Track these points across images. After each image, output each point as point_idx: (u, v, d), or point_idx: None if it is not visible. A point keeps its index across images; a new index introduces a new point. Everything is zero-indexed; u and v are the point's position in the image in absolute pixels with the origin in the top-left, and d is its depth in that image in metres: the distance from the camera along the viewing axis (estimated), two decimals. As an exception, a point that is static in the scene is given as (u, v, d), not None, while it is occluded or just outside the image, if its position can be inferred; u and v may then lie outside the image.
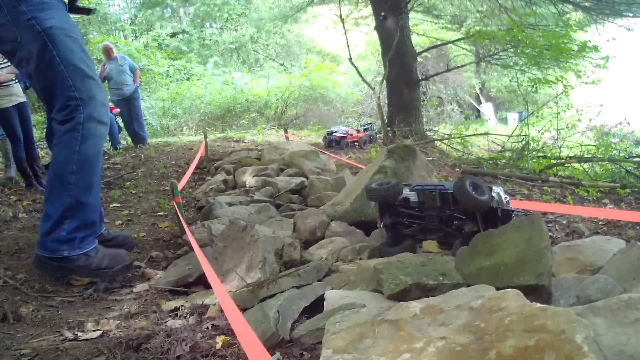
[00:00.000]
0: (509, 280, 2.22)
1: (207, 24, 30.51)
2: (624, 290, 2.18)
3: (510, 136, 11.06)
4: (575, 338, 1.35)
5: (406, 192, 3.58)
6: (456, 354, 1.45)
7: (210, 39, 28.20)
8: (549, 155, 9.96)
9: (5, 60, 6.60)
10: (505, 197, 3.28)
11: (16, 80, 6.79)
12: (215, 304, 2.60)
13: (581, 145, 10.54)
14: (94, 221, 3.43)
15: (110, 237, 3.94)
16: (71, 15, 3.51)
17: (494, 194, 3.16)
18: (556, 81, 11.10)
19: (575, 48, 10.80)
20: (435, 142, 11.66)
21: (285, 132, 12.18)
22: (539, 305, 1.55)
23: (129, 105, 11.48)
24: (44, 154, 9.37)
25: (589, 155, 9.65)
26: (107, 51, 11.41)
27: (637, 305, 1.58)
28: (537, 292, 2.15)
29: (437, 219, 3.42)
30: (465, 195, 3.06)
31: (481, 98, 28.92)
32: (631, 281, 2.25)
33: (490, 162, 9.81)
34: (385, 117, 11.91)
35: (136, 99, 11.64)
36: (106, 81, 11.31)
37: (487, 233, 2.66)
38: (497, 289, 1.92)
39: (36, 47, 3.16)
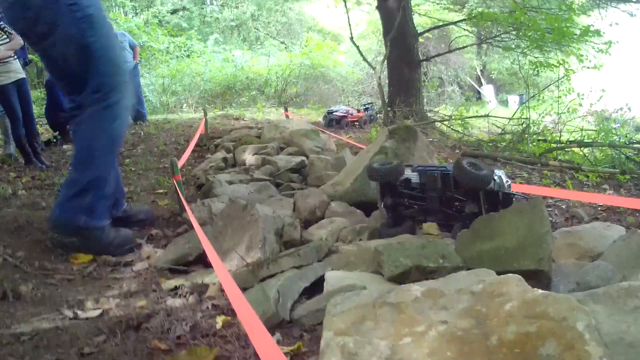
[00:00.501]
0: (509, 264, 2.23)
1: (208, 1, 30.25)
2: (624, 277, 2.18)
3: (510, 119, 11.04)
4: (577, 326, 1.35)
5: (407, 173, 3.58)
6: (457, 338, 1.45)
7: (211, 16, 27.99)
8: (549, 139, 9.95)
9: (4, 36, 6.54)
10: (507, 181, 3.27)
11: (15, 57, 6.73)
12: (215, 283, 2.60)
13: (582, 129, 10.52)
14: (111, 194, 3.58)
15: (132, 212, 4.09)
16: None
17: (495, 177, 3.15)
18: (558, 65, 11.07)
19: (578, 32, 10.75)
20: (436, 123, 11.63)
21: (286, 110, 12.15)
22: (540, 291, 1.55)
23: (128, 82, 11.40)
24: (43, 131, 9.34)
25: (590, 140, 9.64)
26: (107, 27, 11.31)
27: (636, 294, 1.59)
28: (537, 277, 2.16)
29: (438, 201, 3.42)
30: (465, 172, 3.05)
31: (482, 80, 28.83)
32: (631, 268, 2.25)
33: (491, 144, 9.81)
34: (385, 97, 11.88)
35: (136, 75, 11.56)
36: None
37: (489, 217, 2.66)
38: (498, 273, 1.93)
39: (75, 32, 3.19)
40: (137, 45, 12.04)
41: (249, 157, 6.59)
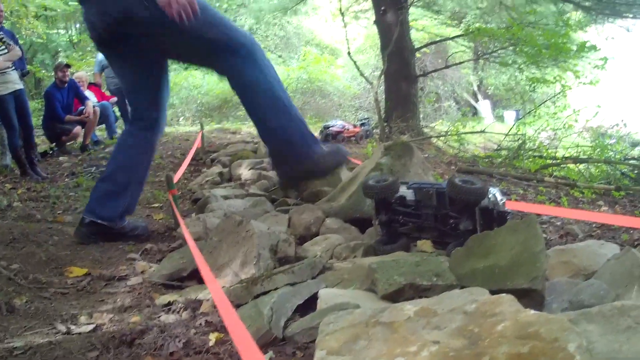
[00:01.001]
0: (502, 283, 2.22)
1: (206, 14, 30.30)
2: (617, 296, 2.18)
3: (506, 135, 11.08)
4: (568, 347, 1.35)
5: (403, 189, 3.58)
6: (450, 359, 1.45)
7: (209, 29, 28.00)
8: (545, 155, 9.98)
9: (3, 47, 6.56)
10: (502, 199, 3.27)
11: (13, 68, 6.74)
12: (208, 299, 2.60)
13: (577, 145, 10.55)
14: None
15: (128, 226, 4.12)
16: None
17: (490, 195, 3.15)
18: (554, 81, 11.13)
19: (575, 48, 10.82)
20: (432, 138, 11.66)
21: (282, 124, 12.13)
22: (533, 312, 1.55)
23: (126, 95, 11.40)
24: (40, 142, 9.34)
25: (585, 156, 9.68)
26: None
27: (629, 313, 1.59)
28: (530, 296, 2.15)
29: (433, 218, 3.42)
30: (458, 188, 3.05)
31: (478, 95, 28.91)
32: (624, 287, 2.25)
33: (486, 160, 9.83)
34: (382, 112, 11.91)
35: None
36: (103, 71, 11.26)
37: (483, 234, 2.66)
38: (491, 291, 1.93)
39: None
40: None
41: (244, 172, 6.59)
